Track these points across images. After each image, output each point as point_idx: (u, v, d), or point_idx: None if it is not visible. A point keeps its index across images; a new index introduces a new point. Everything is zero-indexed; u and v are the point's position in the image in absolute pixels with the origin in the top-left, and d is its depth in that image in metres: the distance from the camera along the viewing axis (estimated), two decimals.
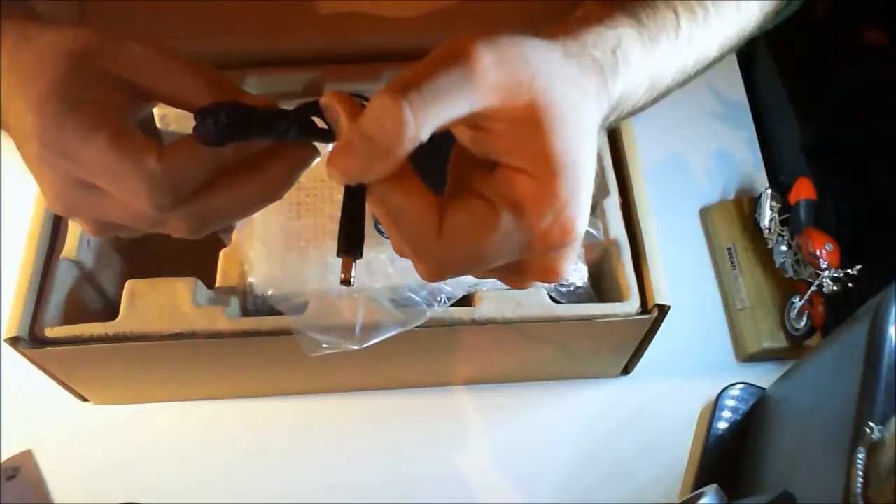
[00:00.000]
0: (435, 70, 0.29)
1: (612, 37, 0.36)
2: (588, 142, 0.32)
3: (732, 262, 0.66)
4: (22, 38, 0.34)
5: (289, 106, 0.35)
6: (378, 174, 0.30)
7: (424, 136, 0.29)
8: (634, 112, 0.41)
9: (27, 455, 0.57)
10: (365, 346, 0.47)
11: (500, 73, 0.30)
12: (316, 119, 0.34)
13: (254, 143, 0.34)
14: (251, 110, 0.32)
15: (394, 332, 0.48)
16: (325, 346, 0.47)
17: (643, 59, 0.37)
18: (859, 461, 0.36)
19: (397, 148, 0.29)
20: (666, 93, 0.42)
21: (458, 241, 0.31)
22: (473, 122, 0.32)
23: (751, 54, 0.78)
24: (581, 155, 0.32)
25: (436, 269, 0.33)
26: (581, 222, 0.32)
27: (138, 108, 0.36)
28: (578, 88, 0.33)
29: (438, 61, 0.30)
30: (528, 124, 0.31)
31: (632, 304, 0.51)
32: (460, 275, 0.34)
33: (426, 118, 0.29)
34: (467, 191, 0.32)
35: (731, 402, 0.60)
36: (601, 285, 0.55)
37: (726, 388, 0.60)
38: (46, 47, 0.33)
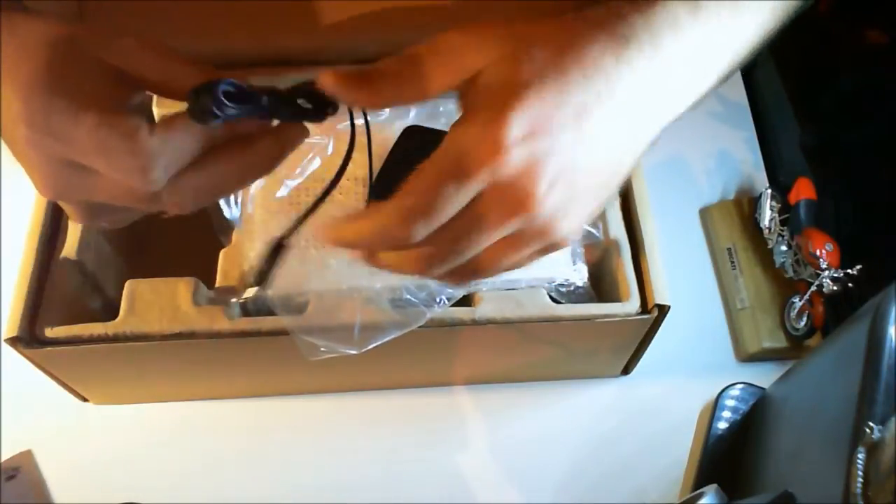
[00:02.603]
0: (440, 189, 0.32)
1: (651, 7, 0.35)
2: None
3: (732, 262, 0.66)
4: (6, 28, 0.34)
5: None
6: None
7: None
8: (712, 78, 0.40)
9: (27, 455, 0.57)
10: (364, 349, 0.47)
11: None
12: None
13: (245, 121, 0.35)
14: (244, 89, 0.33)
15: (393, 335, 0.48)
16: (322, 349, 0.47)
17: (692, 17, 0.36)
18: (859, 461, 0.36)
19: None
20: (735, 59, 0.40)
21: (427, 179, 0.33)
22: None
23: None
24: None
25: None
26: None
27: (126, 97, 0.36)
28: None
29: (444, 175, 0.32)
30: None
31: (632, 304, 0.51)
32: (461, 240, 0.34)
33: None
34: None
35: (731, 402, 0.60)
36: (601, 285, 0.55)
37: (726, 388, 0.60)
38: (31, 35, 0.33)
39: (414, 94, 0.34)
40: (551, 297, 0.52)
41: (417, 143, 0.45)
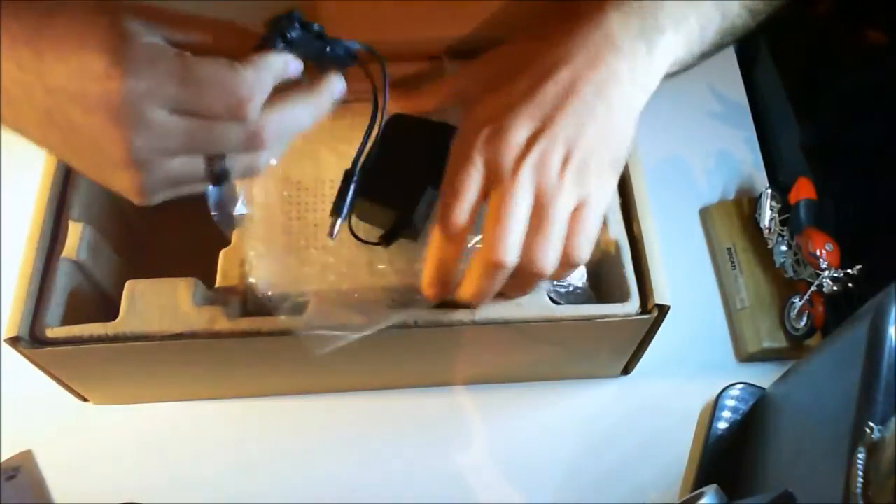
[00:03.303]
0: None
1: None
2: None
3: (732, 262, 0.66)
4: (35, 15, 0.34)
5: None
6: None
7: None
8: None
9: (27, 455, 0.57)
10: (371, 331, 0.47)
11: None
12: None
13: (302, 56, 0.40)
14: (305, 23, 0.39)
15: (398, 319, 0.48)
16: (328, 337, 0.46)
17: None
18: (859, 461, 0.36)
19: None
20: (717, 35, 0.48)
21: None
22: None
23: (751, 54, 0.78)
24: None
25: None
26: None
27: None
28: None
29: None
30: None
31: (632, 305, 0.51)
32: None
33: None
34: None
35: (731, 402, 0.60)
36: (601, 286, 0.55)
37: (726, 388, 0.60)
38: (76, 13, 0.34)
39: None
40: (550, 298, 0.52)
41: (402, 130, 0.48)
